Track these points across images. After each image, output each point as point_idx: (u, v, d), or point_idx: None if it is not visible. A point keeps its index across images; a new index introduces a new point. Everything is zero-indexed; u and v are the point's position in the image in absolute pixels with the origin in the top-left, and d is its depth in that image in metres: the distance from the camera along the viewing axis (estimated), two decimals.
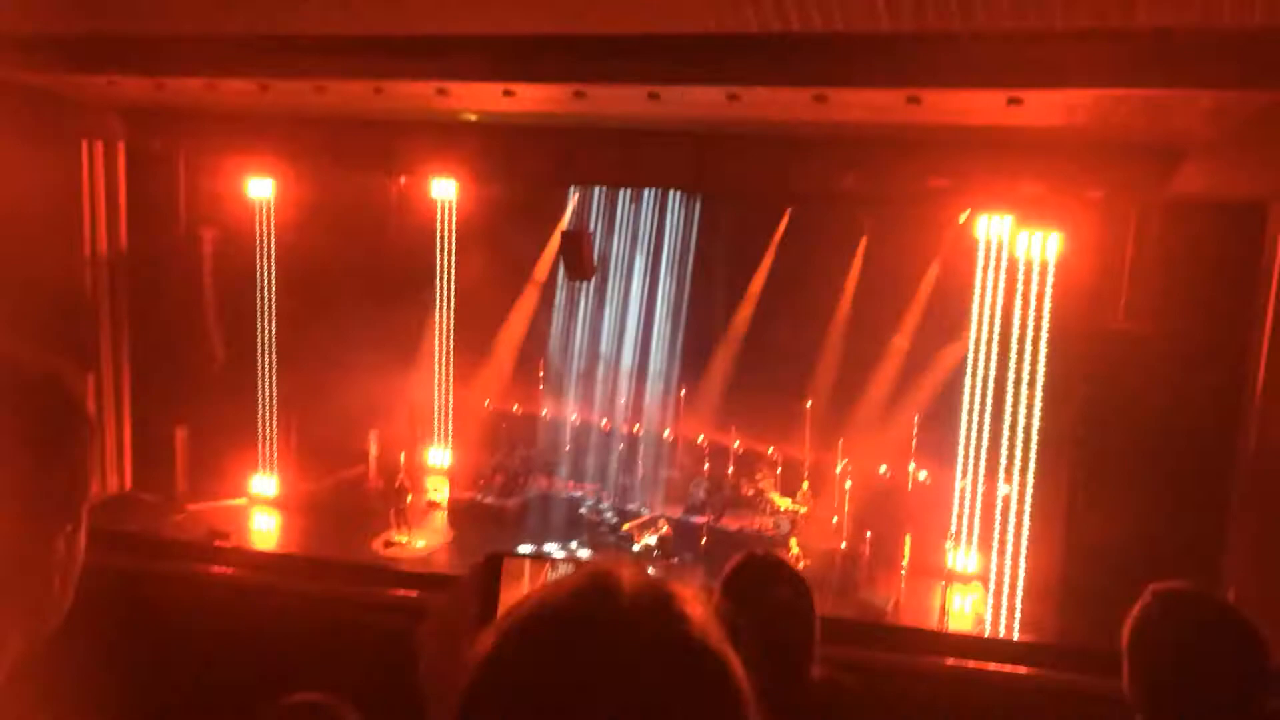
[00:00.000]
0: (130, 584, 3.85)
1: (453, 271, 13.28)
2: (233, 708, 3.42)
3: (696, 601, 1.06)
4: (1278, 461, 7.12)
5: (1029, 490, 9.64)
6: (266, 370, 12.31)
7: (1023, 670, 3.80)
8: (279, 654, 3.53)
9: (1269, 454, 7.27)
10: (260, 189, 12.00)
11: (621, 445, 13.60)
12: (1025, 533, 9.61)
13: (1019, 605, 9.56)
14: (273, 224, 12.11)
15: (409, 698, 1.42)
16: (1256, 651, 2.15)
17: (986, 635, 9.35)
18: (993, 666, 3.80)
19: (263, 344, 12.27)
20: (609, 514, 12.78)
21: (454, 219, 13.13)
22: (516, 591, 1.44)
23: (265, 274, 12.20)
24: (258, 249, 12.14)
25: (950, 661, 3.82)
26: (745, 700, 1.02)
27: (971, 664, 3.80)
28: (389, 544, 11.55)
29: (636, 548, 11.59)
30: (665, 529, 11.81)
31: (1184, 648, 2.17)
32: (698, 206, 13.09)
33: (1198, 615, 2.21)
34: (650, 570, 1.08)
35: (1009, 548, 9.69)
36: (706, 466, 13.03)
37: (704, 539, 11.72)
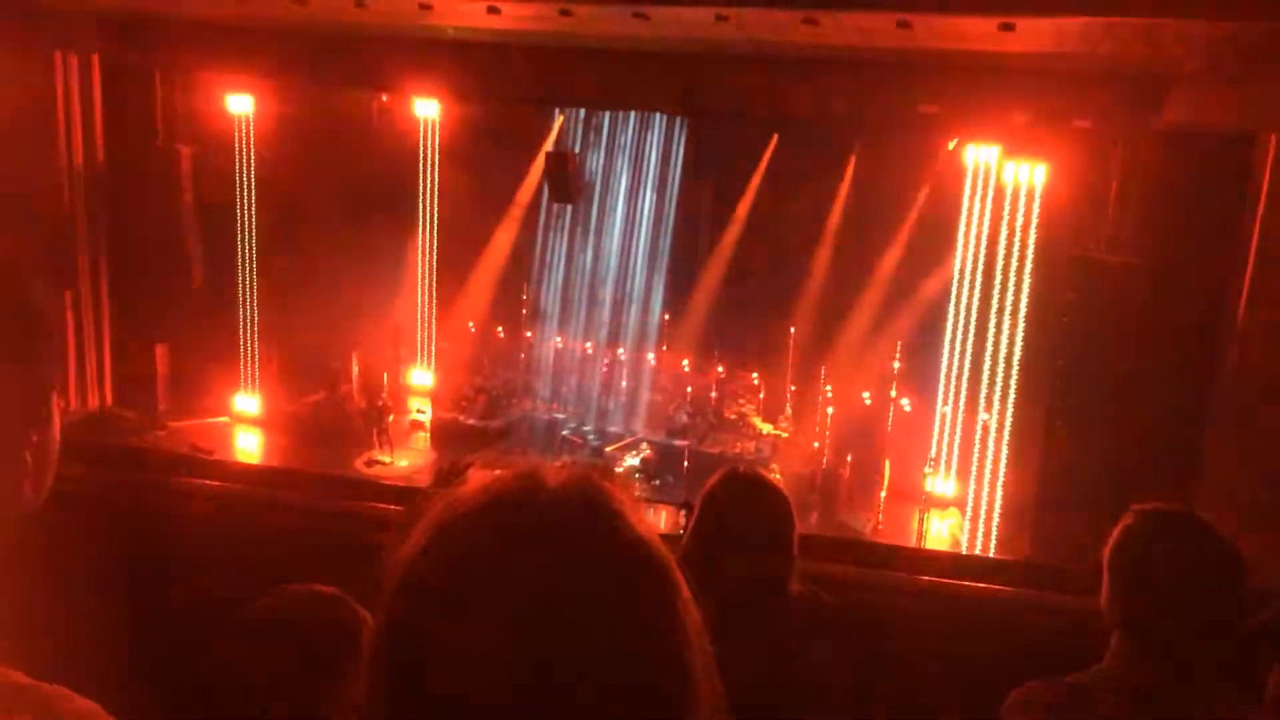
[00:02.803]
0: (112, 495, 3.85)
1: (436, 191, 13.13)
2: (213, 616, 3.46)
3: (625, 497, 1.01)
4: (1254, 391, 7.19)
5: (1008, 418, 9.73)
6: (247, 289, 12.21)
7: (997, 586, 3.88)
8: (260, 565, 3.55)
9: (1246, 384, 7.35)
10: (239, 105, 11.79)
11: (604, 368, 13.63)
12: (1003, 459, 9.72)
13: (995, 529, 9.70)
14: (253, 141, 11.92)
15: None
16: (1236, 573, 2.18)
17: (963, 553, 9.50)
18: (968, 583, 3.87)
19: (243, 262, 12.16)
20: (591, 436, 12.86)
21: (437, 138, 12.95)
22: None
23: (245, 191, 12.04)
24: (237, 166, 11.96)
25: (926, 578, 3.89)
26: (678, 592, 0.97)
27: (948, 580, 3.87)
28: (371, 463, 11.60)
29: (619, 469, 11.67)
30: (647, 451, 11.91)
31: (1166, 567, 2.20)
32: (684, 129, 12.95)
33: (1181, 535, 2.23)
34: (635, 491, 1.05)
35: (986, 474, 9.81)
36: (689, 390, 13.08)
37: (686, 462, 11.81)
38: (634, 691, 0.92)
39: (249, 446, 11.90)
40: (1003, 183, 9.66)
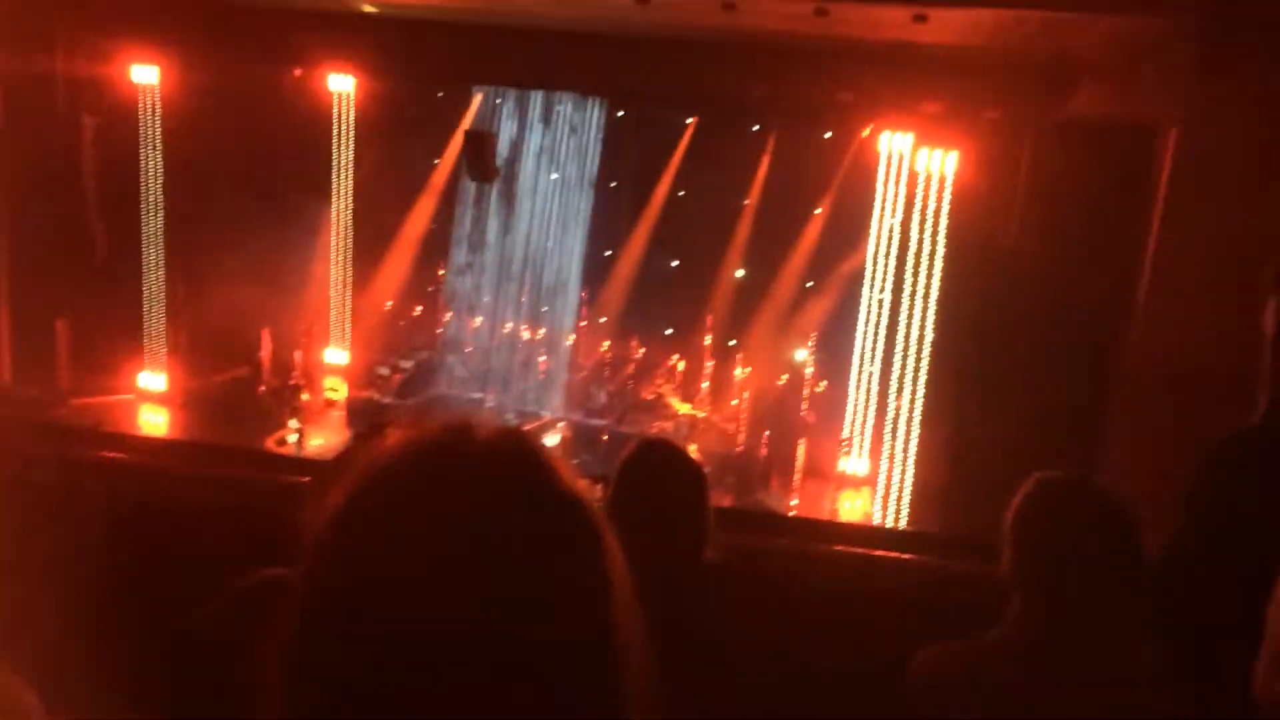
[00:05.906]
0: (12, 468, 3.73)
1: (350, 168, 12.88)
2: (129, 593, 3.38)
3: (556, 453, 1.01)
4: (1154, 377, 7.44)
5: (919, 400, 9.95)
6: (153, 262, 11.87)
7: (907, 556, 4.00)
8: (169, 538, 3.49)
9: (1144, 368, 7.60)
10: (145, 75, 11.43)
11: (521, 349, 13.58)
12: (914, 440, 9.94)
13: (905, 506, 9.93)
14: (159, 111, 11.57)
15: None
16: (1131, 538, 2.27)
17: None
18: (879, 552, 3.99)
19: (148, 235, 11.81)
20: (509, 416, 12.81)
21: (352, 114, 12.70)
22: None
23: (151, 163, 11.69)
24: (143, 137, 11.61)
25: (839, 548, 3.99)
26: (608, 546, 0.97)
27: (859, 550, 3.98)
28: (282, 443, 11.40)
29: None
30: (565, 431, 11.92)
31: (1063, 530, 2.29)
32: (604, 111, 12.94)
33: (1076, 496, 2.32)
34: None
35: (898, 454, 10.03)
36: (607, 370, 13.11)
37: (604, 441, 11.85)
38: (562, 641, 0.92)
39: (155, 424, 11.59)
40: (915, 170, 9.86)
